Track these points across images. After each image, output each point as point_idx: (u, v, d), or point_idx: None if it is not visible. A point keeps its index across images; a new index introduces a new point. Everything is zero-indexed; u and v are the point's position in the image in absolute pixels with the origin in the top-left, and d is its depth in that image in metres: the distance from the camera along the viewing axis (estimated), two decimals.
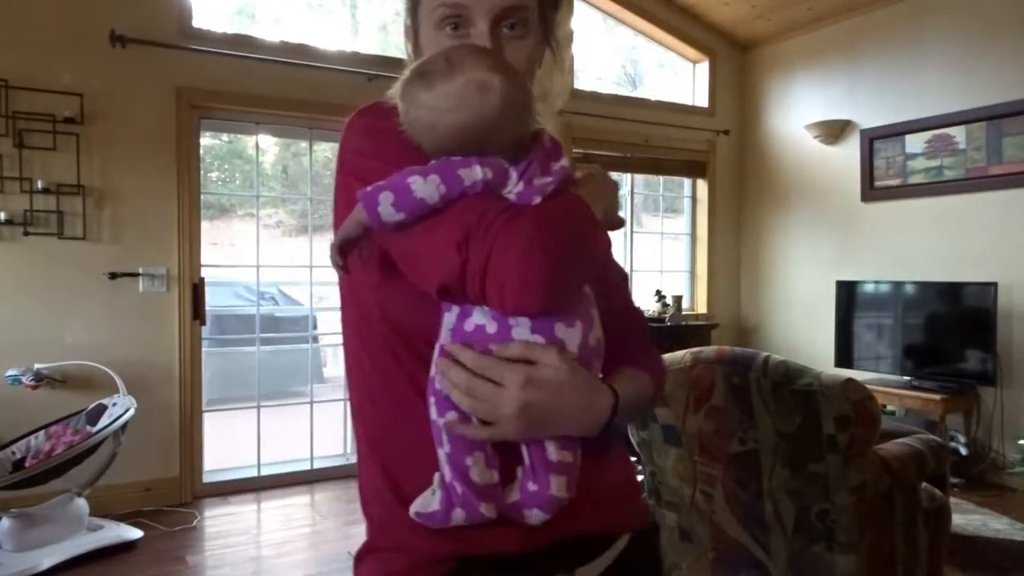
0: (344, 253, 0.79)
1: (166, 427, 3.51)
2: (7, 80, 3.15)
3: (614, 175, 0.96)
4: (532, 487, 0.75)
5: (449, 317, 0.75)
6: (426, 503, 0.76)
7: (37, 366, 3.14)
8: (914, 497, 2.04)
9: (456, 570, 0.78)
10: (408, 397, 0.80)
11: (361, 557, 0.86)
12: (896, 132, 4.38)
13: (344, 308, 0.88)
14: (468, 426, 0.73)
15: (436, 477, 0.76)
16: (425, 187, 0.71)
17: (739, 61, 5.43)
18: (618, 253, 1.72)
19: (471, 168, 0.72)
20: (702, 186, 5.41)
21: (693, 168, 5.33)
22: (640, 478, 2.35)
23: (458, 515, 0.74)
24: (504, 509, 0.75)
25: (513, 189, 0.73)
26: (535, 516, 0.75)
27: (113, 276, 3.38)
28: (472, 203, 0.71)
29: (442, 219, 0.71)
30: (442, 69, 0.73)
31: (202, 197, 3.66)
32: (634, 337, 0.91)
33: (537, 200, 0.73)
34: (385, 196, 0.71)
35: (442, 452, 0.74)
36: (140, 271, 3.44)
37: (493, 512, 0.74)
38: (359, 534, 0.90)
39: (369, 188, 0.72)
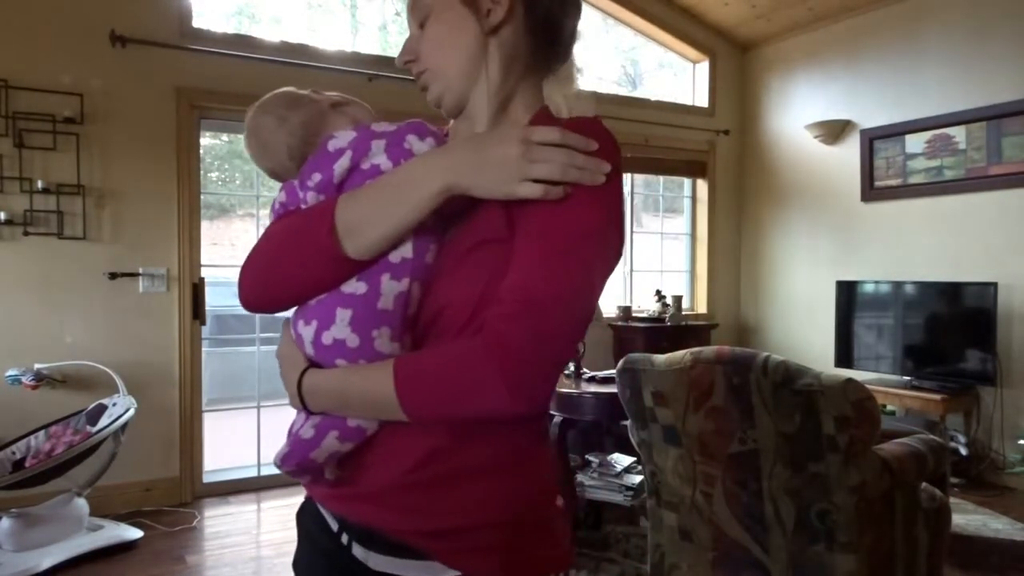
0: None
1: (166, 427, 3.52)
2: (7, 80, 3.15)
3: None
4: None
5: None
6: None
7: (37, 366, 3.14)
8: (914, 497, 2.04)
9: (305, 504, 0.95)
10: None
11: None
12: (896, 132, 4.38)
13: None
14: None
15: None
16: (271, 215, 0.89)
17: (739, 61, 5.43)
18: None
19: (278, 194, 0.87)
20: (702, 186, 5.42)
21: (693, 168, 5.33)
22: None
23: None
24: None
25: (306, 198, 0.84)
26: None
27: (113, 276, 3.38)
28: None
29: None
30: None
31: (202, 197, 3.66)
32: (446, 340, 0.78)
33: (303, 207, 0.83)
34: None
35: None
36: (140, 271, 3.44)
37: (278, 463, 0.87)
38: None
39: None
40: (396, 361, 0.76)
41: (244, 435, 3.93)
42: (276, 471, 3.86)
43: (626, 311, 4.89)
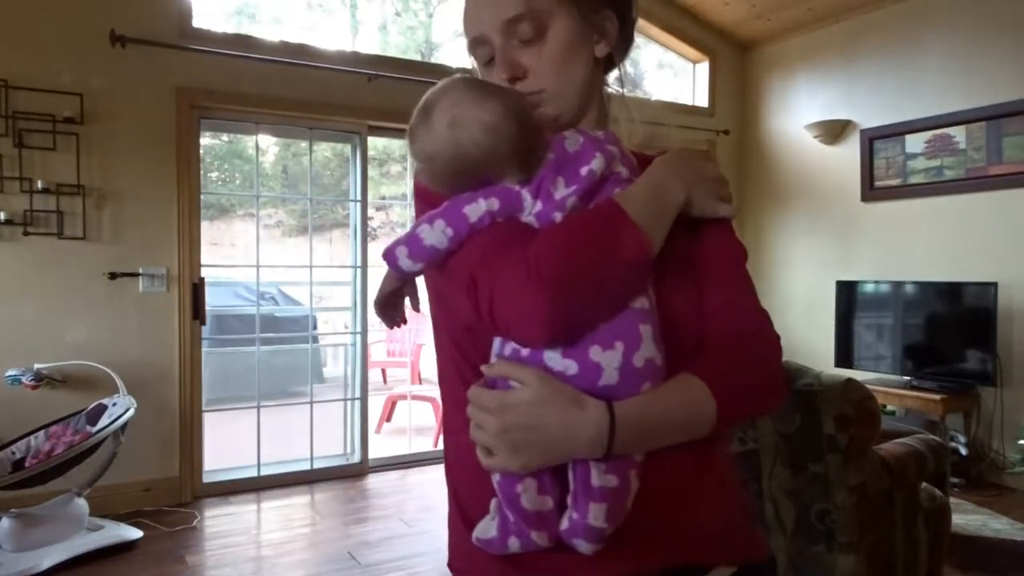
0: (388, 305, 0.87)
1: (166, 427, 3.51)
2: (7, 80, 3.15)
3: None
4: (574, 515, 0.72)
5: (496, 341, 0.75)
6: (485, 529, 0.76)
7: (37, 366, 3.14)
8: (914, 497, 2.04)
9: None
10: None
11: None
12: (896, 132, 4.38)
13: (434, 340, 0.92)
14: (483, 455, 0.72)
15: (493, 503, 0.76)
16: (432, 233, 0.73)
17: (739, 61, 5.43)
18: None
19: (475, 203, 0.73)
20: None
21: None
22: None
23: (513, 543, 0.74)
24: (558, 537, 0.73)
25: (532, 210, 0.73)
26: (583, 546, 0.72)
27: (113, 276, 3.38)
28: (479, 240, 0.73)
29: (455, 261, 0.74)
30: (419, 118, 0.75)
31: (202, 197, 3.66)
32: (721, 347, 0.79)
33: (558, 216, 0.72)
34: (401, 250, 0.75)
35: (495, 480, 0.73)
36: (140, 271, 3.44)
37: (545, 541, 0.73)
38: (359, 534, 0.92)
39: (390, 244, 0.76)
40: (702, 376, 0.74)
41: (244, 435, 3.93)
42: (276, 471, 3.88)
43: None
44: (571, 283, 0.67)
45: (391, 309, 0.89)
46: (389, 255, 0.76)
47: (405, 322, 0.92)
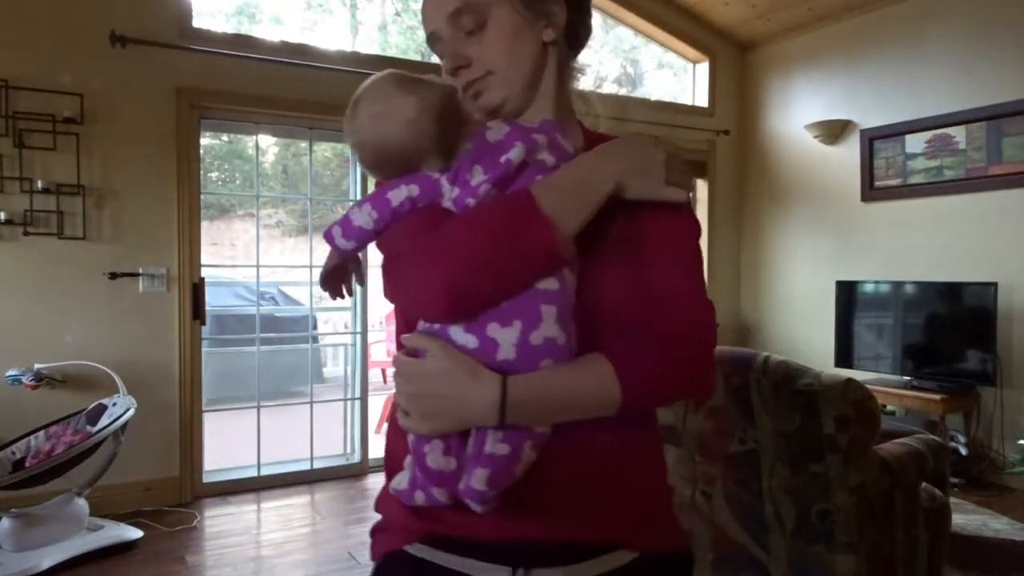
0: (331, 279, 0.93)
1: (166, 427, 3.51)
2: (7, 80, 3.15)
3: None
4: (466, 477, 0.77)
5: None
6: (400, 481, 0.83)
7: (37, 366, 3.14)
8: (914, 497, 2.04)
9: (422, 542, 0.86)
10: None
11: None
12: (896, 132, 4.38)
13: None
14: (401, 416, 0.78)
15: (407, 459, 0.82)
16: (360, 215, 0.80)
17: (739, 61, 5.43)
18: None
19: (398, 189, 0.79)
20: (702, 186, 5.41)
21: (693, 168, 5.31)
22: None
23: (419, 496, 0.79)
24: (457, 496, 0.78)
25: (449, 196, 0.78)
26: (474, 506, 0.77)
27: (113, 276, 3.38)
28: (399, 225, 0.79)
29: (380, 242, 0.81)
30: (349, 111, 0.81)
31: (202, 197, 3.66)
32: (643, 332, 0.79)
33: (470, 202, 0.77)
34: (336, 230, 0.82)
35: (410, 439, 0.80)
36: (140, 271, 3.44)
37: (445, 498, 0.78)
38: (359, 534, 0.96)
39: (330, 224, 0.82)
40: (612, 358, 0.76)
41: (244, 435, 3.93)
42: (276, 471, 3.88)
43: None
44: (472, 267, 0.72)
45: (335, 283, 0.95)
46: (327, 235, 0.82)
47: (351, 294, 0.99)
